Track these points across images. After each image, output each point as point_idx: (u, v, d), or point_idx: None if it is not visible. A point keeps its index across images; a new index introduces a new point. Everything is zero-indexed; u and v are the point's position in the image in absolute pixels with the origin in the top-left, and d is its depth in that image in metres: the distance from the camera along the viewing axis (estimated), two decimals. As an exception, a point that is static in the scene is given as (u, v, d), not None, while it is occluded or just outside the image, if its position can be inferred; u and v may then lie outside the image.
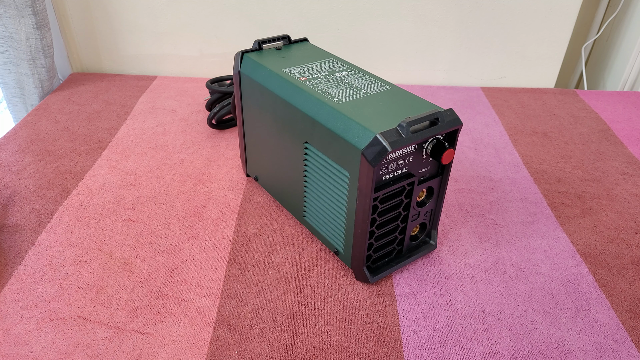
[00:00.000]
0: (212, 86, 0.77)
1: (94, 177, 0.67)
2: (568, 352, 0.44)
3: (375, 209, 0.46)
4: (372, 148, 0.42)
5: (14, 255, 0.54)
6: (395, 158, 0.44)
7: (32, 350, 0.44)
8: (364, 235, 0.47)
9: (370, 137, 0.42)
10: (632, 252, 0.56)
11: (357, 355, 0.44)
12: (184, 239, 0.56)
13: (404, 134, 0.42)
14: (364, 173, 0.43)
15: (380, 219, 0.47)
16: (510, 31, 0.93)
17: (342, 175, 0.47)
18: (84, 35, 0.96)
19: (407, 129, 0.42)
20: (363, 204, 0.45)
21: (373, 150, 0.42)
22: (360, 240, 0.47)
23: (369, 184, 0.43)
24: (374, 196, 0.44)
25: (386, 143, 0.41)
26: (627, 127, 0.81)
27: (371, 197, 0.44)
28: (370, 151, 0.42)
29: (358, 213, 0.46)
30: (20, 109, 0.90)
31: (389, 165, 0.44)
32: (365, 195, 0.44)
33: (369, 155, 0.42)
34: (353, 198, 0.46)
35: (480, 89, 0.95)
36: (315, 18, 0.92)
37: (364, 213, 0.45)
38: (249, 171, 0.65)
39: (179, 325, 0.46)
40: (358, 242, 0.48)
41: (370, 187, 0.43)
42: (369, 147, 0.42)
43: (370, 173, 0.43)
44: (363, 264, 0.49)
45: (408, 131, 0.42)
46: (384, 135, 0.42)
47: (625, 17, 1.00)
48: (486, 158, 0.73)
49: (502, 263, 0.54)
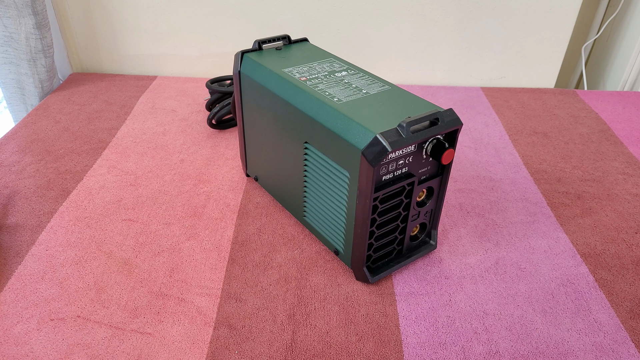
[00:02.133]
0: (212, 86, 0.77)
1: (94, 177, 0.67)
2: (568, 352, 0.44)
3: (375, 209, 0.46)
4: (372, 148, 0.42)
5: (14, 255, 0.54)
6: (395, 158, 0.44)
7: (32, 350, 0.44)
8: (364, 235, 0.47)
9: (370, 137, 0.42)
10: (632, 252, 0.56)
11: (357, 355, 0.44)
12: (184, 239, 0.56)
13: (404, 134, 0.42)
14: (364, 173, 0.43)
15: (380, 219, 0.47)
16: (510, 31, 0.93)
17: (342, 175, 0.47)
18: (84, 35, 0.96)
19: (407, 129, 0.42)
20: (363, 204, 0.45)
21: (373, 150, 0.42)
22: (360, 240, 0.47)
23: (369, 184, 0.43)
24: (374, 196, 0.44)
25: (386, 143, 0.41)
26: (627, 127, 0.81)
27: (371, 197, 0.44)
28: (370, 151, 0.42)
29: (358, 213, 0.46)
30: (20, 109, 0.90)
31: (389, 165, 0.44)
32: (365, 195, 0.44)
33: (369, 155, 0.42)
34: (353, 198, 0.46)
35: (480, 89, 0.95)
36: (315, 18, 0.92)
37: (364, 213, 0.45)
38: (248, 171, 0.65)
39: (179, 325, 0.46)
40: (358, 242, 0.48)
41: (370, 187, 0.43)
42: (369, 147, 0.42)
43: (370, 173, 0.43)
44: (363, 264, 0.49)
45: (408, 131, 0.42)
46: (384, 135, 0.42)
47: (625, 17, 1.00)
48: (486, 158, 0.73)
49: (502, 263, 0.54)
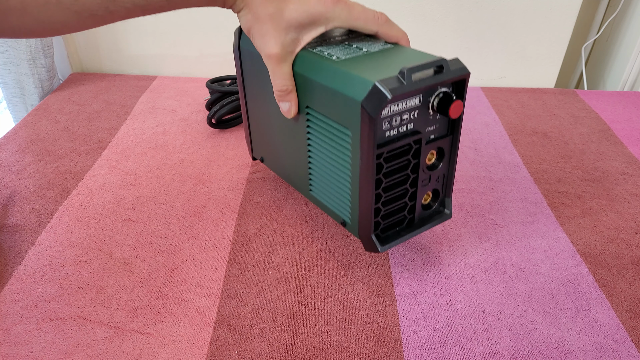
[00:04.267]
0: (212, 86, 0.77)
1: (94, 177, 0.67)
2: (568, 352, 0.44)
3: (380, 169, 0.43)
4: (371, 97, 0.39)
5: (14, 255, 0.54)
6: (398, 112, 0.42)
7: (32, 350, 0.44)
8: (369, 200, 0.44)
9: (369, 87, 0.40)
10: (632, 252, 0.56)
11: (357, 355, 0.44)
12: (184, 239, 0.56)
13: (406, 80, 0.40)
14: (365, 127, 0.40)
15: (387, 180, 0.44)
16: (510, 31, 0.93)
17: (344, 135, 0.44)
18: (84, 35, 0.96)
19: (409, 75, 0.40)
20: (367, 163, 0.42)
21: (372, 99, 0.39)
22: (366, 205, 0.44)
23: (370, 138, 0.40)
24: (377, 152, 0.42)
25: (386, 90, 0.39)
26: (627, 127, 0.81)
27: (374, 154, 0.41)
28: (370, 100, 0.39)
29: (362, 174, 0.43)
30: (20, 109, 0.90)
31: (392, 119, 0.42)
32: (368, 152, 0.41)
33: (368, 105, 0.39)
34: (356, 160, 0.43)
35: (480, 89, 0.95)
36: (315, 18, 0.92)
37: (368, 173, 0.42)
38: (254, 153, 0.63)
39: (179, 325, 0.46)
40: (364, 208, 0.45)
41: (372, 142, 0.41)
42: (368, 97, 0.40)
43: (371, 125, 0.40)
44: (371, 232, 0.46)
45: (409, 78, 0.40)
46: (383, 83, 0.39)
47: (625, 17, 1.00)
48: (486, 158, 0.73)
49: (502, 263, 0.54)
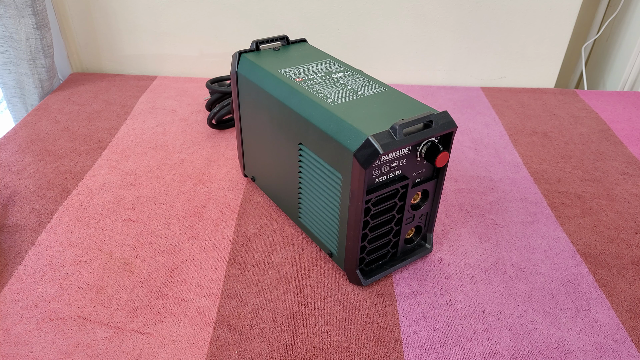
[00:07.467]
0: (212, 86, 0.77)
1: (94, 177, 0.67)
2: (568, 352, 0.44)
3: (368, 212, 0.46)
4: (364, 150, 0.42)
5: (14, 255, 0.54)
6: (388, 160, 0.44)
7: (32, 350, 0.44)
8: (356, 238, 0.47)
9: (362, 139, 0.42)
10: (632, 252, 0.56)
11: (357, 355, 0.44)
12: (184, 239, 0.56)
13: (397, 136, 0.42)
14: (356, 175, 0.43)
15: (373, 221, 0.47)
16: (510, 31, 0.93)
17: (335, 177, 0.47)
18: (84, 35, 0.96)
19: (400, 131, 0.42)
20: (355, 207, 0.45)
21: (365, 152, 0.42)
22: (353, 242, 0.47)
23: (361, 186, 0.43)
24: (366, 199, 0.44)
25: (378, 145, 0.41)
26: (627, 127, 0.81)
27: (363, 200, 0.44)
28: (362, 153, 0.42)
29: (350, 215, 0.46)
30: (20, 109, 0.90)
31: (382, 167, 0.44)
32: (358, 198, 0.44)
33: (361, 157, 0.42)
34: (346, 200, 0.46)
35: (480, 89, 0.95)
36: (315, 18, 0.92)
37: (356, 215, 0.45)
38: (246, 171, 0.65)
39: (179, 325, 0.46)
40: (351, 245, 0.47)
41: (362, 190, 0.43)
42: (360, 149, 0.42)
43: (362, 175, 0.42)
44: (356, 267, 0.49)
45: (400, 133, 0.42)
46: (375, 138, 0.41)
47: (625, 17, 1.00)
48: (486, 158, 0.73)
49: (502, 263, 0.54)
